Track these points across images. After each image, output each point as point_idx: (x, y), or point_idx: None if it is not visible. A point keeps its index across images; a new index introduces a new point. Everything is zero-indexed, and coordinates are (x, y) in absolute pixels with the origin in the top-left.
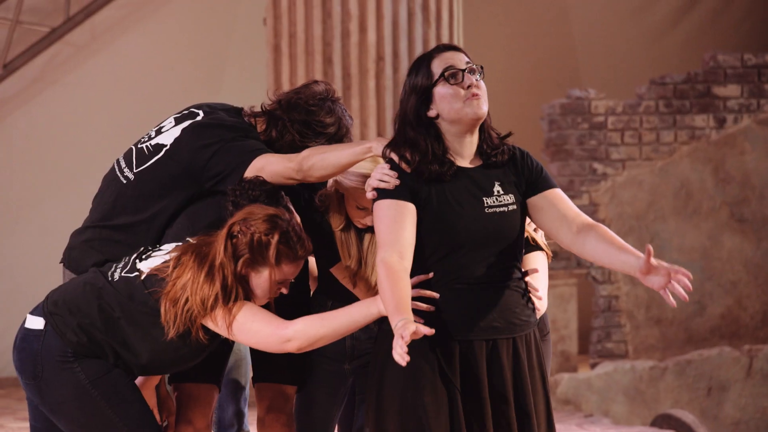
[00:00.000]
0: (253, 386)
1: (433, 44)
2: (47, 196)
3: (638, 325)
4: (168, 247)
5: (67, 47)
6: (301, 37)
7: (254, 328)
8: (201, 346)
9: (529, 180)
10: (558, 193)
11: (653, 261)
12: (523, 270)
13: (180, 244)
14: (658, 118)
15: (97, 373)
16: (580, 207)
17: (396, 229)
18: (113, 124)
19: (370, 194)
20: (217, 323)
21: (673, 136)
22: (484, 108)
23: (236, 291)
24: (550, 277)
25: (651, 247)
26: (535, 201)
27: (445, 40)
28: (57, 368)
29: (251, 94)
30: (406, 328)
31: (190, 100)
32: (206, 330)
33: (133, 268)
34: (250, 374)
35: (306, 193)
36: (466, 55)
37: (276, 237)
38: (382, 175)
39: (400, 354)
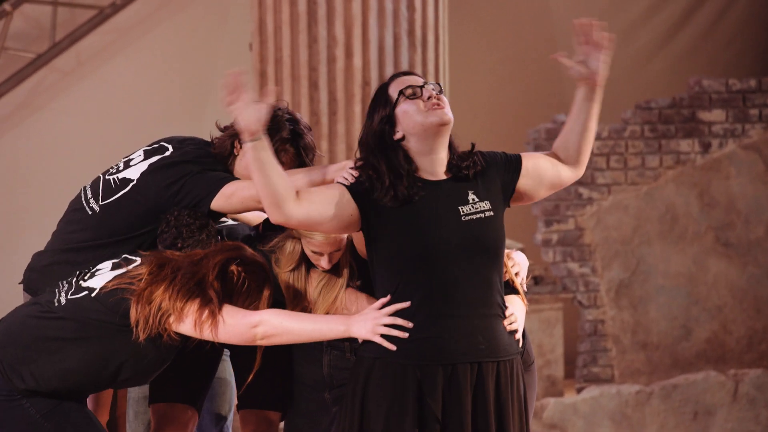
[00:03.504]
0: (238, 412)
1: (419, 69)
2: (32, 223)
3: (624, 349)
4: (107, 264)
5: (53, 73)
6: (287, 62)
7: (222, 318)
8: (170, 349)
9: (505, 173)
10: (530, 159)
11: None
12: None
13: (145, 255)
14: (644, 142)
15: (47, 406)
16: (565, 231)
17: (321, 195)
18: (99, 150)
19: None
20: (188, 325)
21: (659, 160)
22: (449, 114)
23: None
24: (536, 301)
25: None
26: (525, 181)
27: (431, 65)
28: (5, 407)
29: None
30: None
31: (175, 126)
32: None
33: (80, 288)
34: (235, 401)
35: (242, 233)
36: (422, 78)
37: (267, 292)
38: (348, 173)
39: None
